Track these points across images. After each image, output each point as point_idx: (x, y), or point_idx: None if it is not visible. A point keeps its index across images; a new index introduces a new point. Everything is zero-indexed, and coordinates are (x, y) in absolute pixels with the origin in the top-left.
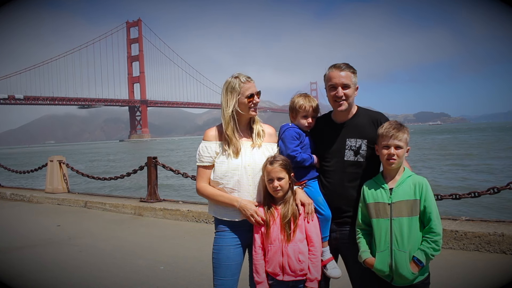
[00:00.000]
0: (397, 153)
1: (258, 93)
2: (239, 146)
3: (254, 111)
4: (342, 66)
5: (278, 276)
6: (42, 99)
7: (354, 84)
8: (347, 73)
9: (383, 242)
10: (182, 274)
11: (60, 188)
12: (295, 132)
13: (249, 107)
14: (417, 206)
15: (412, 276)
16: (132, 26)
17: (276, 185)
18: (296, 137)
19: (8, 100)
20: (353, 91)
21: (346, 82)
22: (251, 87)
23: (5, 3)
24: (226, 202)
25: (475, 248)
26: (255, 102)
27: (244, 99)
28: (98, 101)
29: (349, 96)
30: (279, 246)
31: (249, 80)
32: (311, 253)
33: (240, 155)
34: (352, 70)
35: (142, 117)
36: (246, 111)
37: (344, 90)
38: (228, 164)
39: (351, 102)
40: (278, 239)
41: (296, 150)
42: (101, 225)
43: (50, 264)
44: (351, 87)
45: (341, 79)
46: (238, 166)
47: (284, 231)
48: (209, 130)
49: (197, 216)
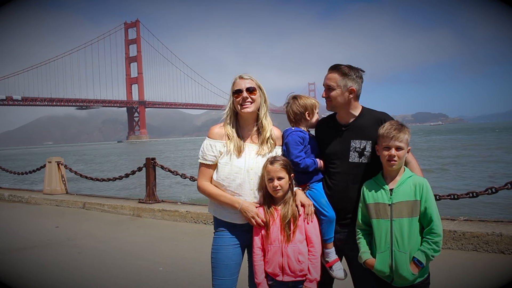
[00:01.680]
0: (398, 154)
1: (247, 89)
2: (242, 145)
3: (245, 107)
4: (335, 67)
5: (277, 277)
6: (40, 100)
7: (344, 87)
8: (332, 75)
9: (383, 242)
10: (181, 275)
11: (59, 189)
12: (298, 137)
13: (238, 104)
14: (417, 207)
15: (412, 277)
16: (130, 27)
17: (276, 184)
18: (300, 142)
19: (6, 101)
20: (340, 94)
21: (329, 84)
22: (241, 83)
23: (5, 2)
24: (228, 203)
25: (474, 248)
26: (243, 98)
27: (234, 96)
28: (96, 102)
29: (333, 98)
30: (279, 247)
31: (243, 77)
32: (310, 254)
33: (243, 156)
34: (345, 72)
35: (140, 118)
36: (238, 108)
37: (328, 92)
38: (231, 166)
39: (337, 105)
40: (278, 239)
41: (300, 156)
42: (99, 226)
43: (49, 265)
44: (336, 89)
45: (326, 80)
46: (241, 169)
47: (284, 232)
48: (214, 127)
49: (195, 217)
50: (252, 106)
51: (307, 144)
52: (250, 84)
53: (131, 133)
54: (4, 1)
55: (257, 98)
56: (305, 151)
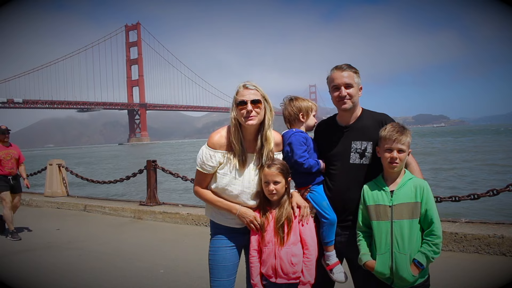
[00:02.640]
0: (399, 157)
1: (252, 102)
2: (246, 158)
3: (249, 120)
4: (344, 67)
5: (271, 278)
6: (41, 103)
7: (358, 84)
8: (349, 73)
9: (384, 244)
10: (182, 277)
11: (60, 192)
12: (302, 137)
13: (242, 116)
14: (417, 209)
15: (412, 278)
16: (131, 29)
17: (272, 188)
18: (304, 142)
19: (7, 104)
20: (357, 91)
21: (349, 82)
22: (245, 94)
23: (5, 2)
24: (225, 209)
25: (475, 250)
26: (248, 111)
27: (237, 107)
28: (97, 104)
29: (353, 95)
30: (272, 249)
31: (247, 87)
32: (305, 257)
33: (244, 168)
34: (354, 70)
35: (141, 120)
36: (241, 120)
37: (347, 89)
38: (230, 177)
39: (355, 102)
40: (272, 241)
41: (304, 156)
42: (100, 229)
43: (50, 268)
44: (354, 87)
45: (343, 79)
46: (240, 181)
47: (278, 235)
48: (215, 134)
49: (196, 219)
50: (256, 119)
51: (309, 145)
52: (255, 96)
53: (132, 135)
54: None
55: (261, 111)
56: (308, 152)
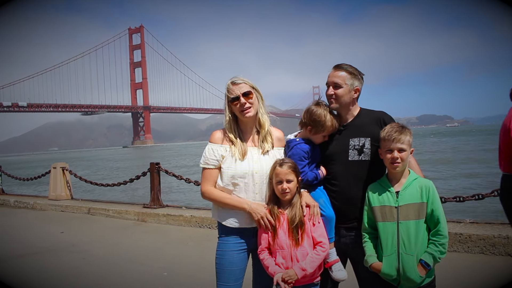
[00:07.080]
0: (400, 156)
1: (243, 94)
2: (245, 148)
3: (246, 113)
4: (341, 66)
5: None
6: (45, 106)
7: (351, 86)
8: (342, 73)
9: (390, 245)
10: (186, 280)
11: (64, 195)
12: (302, 151)
13: (239, 111)
14: (423, 209)
15: (420, 279)
16: (134, 32)
17: (285, 187)
18: (304, 157)
19: (11, 107)
20: (347, 92)
21: (337, 81)
22: (235, 89)
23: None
24: (236, 205)
25: (480, 251)
26: (241, 104)
27: (232, 104)
28: (101, 107)
29: (340, 96)
30: (288, 251)
31: (235, 83)
32: (315, 250)
33: (247, 159)
34: (351, 71)
35: (145, 123)
36: (239, 115)
37: (335, 89)
38: (235, 169)
39: (342, 102)
40: (286, 244)
41: (303, 171)
42: (104, 232)
43: (53, 271)
44: (343, 88)
45: (333, 78)
46: (245, 173)
47: (292, 236)
48: (215, 132)
49: (200, 222)
50: (252, 109)
51: (311, 155)
52: (245, 89)
53: (136, 138)
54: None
55: (254, 101)
56: (308, 164)
